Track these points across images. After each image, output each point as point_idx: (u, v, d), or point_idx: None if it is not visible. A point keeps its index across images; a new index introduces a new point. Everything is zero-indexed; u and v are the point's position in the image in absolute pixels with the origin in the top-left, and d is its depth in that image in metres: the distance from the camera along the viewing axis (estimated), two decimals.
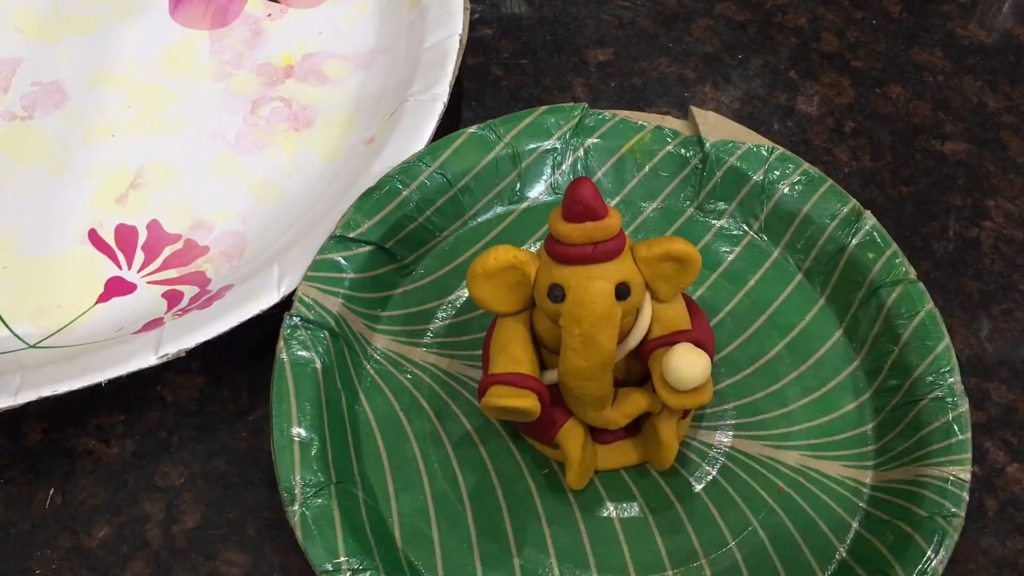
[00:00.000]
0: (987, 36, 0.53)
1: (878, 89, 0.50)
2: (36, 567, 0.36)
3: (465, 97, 0.49)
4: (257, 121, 0.48)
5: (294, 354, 0.36)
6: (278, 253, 0.41)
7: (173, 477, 0.38)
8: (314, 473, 0.34)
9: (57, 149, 0.47)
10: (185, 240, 0.44)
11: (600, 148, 0.42)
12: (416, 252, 0.41)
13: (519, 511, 0.35)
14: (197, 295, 0.41)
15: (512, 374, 0.32)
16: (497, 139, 0.42)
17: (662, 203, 0.42)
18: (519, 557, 0.34)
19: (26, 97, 0.48)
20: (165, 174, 0.46)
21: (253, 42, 0.50)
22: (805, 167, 0.41)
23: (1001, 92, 0.50)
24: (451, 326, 0.40)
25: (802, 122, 0.49)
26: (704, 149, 0.42)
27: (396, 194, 0.40)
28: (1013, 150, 0.48)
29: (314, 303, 0.37)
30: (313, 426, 0.35)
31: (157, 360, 0.37)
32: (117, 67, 0.49)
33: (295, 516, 0.33)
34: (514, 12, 0.53)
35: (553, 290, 0.32)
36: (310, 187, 0.45)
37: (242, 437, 0.39)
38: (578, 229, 0.31)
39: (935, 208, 0.46)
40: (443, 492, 0.36)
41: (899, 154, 0.48)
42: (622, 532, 0.35)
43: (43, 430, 0.39)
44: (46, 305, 0.42)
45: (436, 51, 0.46)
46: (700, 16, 0.53)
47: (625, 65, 0.51)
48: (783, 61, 0.51)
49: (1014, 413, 0.40)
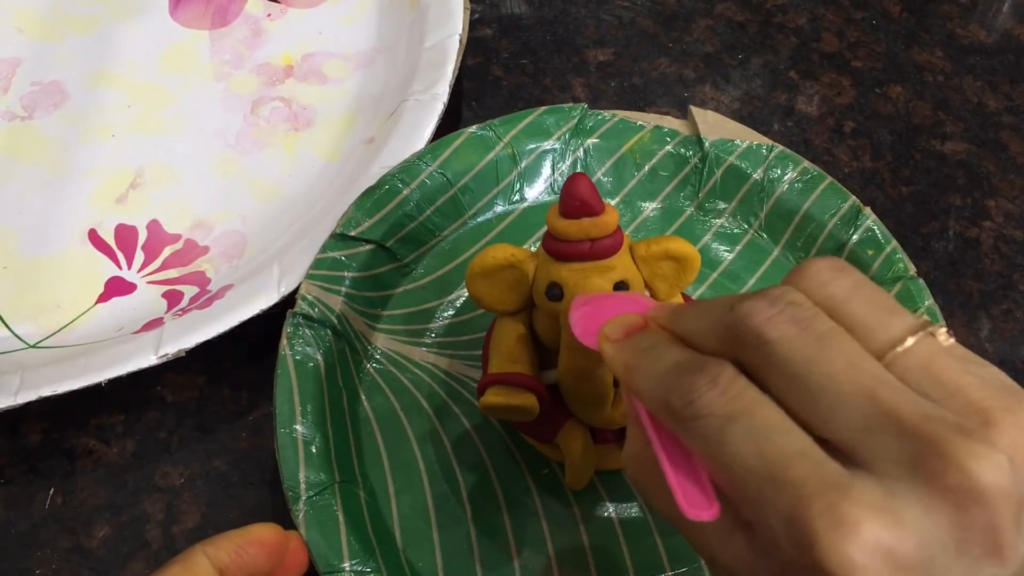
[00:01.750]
0: (987, 36, 0.53)
1: (878, 89, 0.50)
2: (36, 567, 0.36)
3: (465, 97, 0.49)
4: (257, 121, 0.48)
5: (298, 351, 0.36)
6: (278, 253, 0.41)
7: (173, 477, 0.38)
8: (317, 472, 0.34)
9: (57, 149, 0.47)
10: (185, 240, 0.44)
11: (600, 148, 0.42)
12: (416, 251, 0.41)
13: (519, 511, 0.35)
14: (197, 295, 0.41)
15: (510, 373, 0.32)
16: (497, 139, 0.42)
17: (662, 203, 0.42)
18: (519, 558, 0.34)
19: (26, 97, 0.48)
20: (165, 174, 0.46)
21: (253, 42, 0.50)
22: (805, 165, 0.41)
23: (1001, 92, 0.50)
24: (451, 326, 0.40)
25: (802, 122, 0.49)
26: (703, 148, 0.42)
27: (396, 193, 0.40)
28: (1013, 150, 0.48)
29: (317, 301, 0.37)
30: (316, 424, 0.35)
31: (157, 360, 0.37)
32: (117, 67, 0.49)
33: (299, 515, 0.33)
34: (514, 12, 0.53)
35: (551, 289, 0.32)
36: (310, 187, 0.45)
37: (242, 437, 0.39)
38: (575, 225, 0.31)
39: (935, 208, 0.46)
40: (443, 492, 0.36)
41: (899, 154, 0.48)
42: (622, 532, 0.35)
43: (43, 430, 0.39)
44: (46, 305, 0.42)
45: (436, 51, 0.46)
46: (700, 16, 0.53)
47: (625, 65, 0.51)
48: (783, 61, 0.51)
49: None
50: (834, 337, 0.22)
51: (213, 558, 0.28)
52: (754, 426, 0.21)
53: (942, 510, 0.20)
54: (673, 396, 0.23)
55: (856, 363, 0.21)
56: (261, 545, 0.29)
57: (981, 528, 0.20)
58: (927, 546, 0.19)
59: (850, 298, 0.23)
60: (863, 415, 0.21)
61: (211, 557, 0.28)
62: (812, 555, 0.19)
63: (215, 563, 0.28)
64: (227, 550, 0.28)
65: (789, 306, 0.22)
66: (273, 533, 0.30)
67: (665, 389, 0.23)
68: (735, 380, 0.22)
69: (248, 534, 0.29)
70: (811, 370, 0.21)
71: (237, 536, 0.29)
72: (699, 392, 0.22)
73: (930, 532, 0.20)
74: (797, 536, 0.20)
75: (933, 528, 0.20)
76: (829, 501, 0.19)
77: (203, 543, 0.28)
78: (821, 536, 0.19)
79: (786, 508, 0.20)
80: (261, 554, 0.29)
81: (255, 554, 0.29)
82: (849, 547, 0.19)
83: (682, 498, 0.22)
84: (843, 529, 0.19)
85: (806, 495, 0.20)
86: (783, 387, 0.22)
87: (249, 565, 0.29)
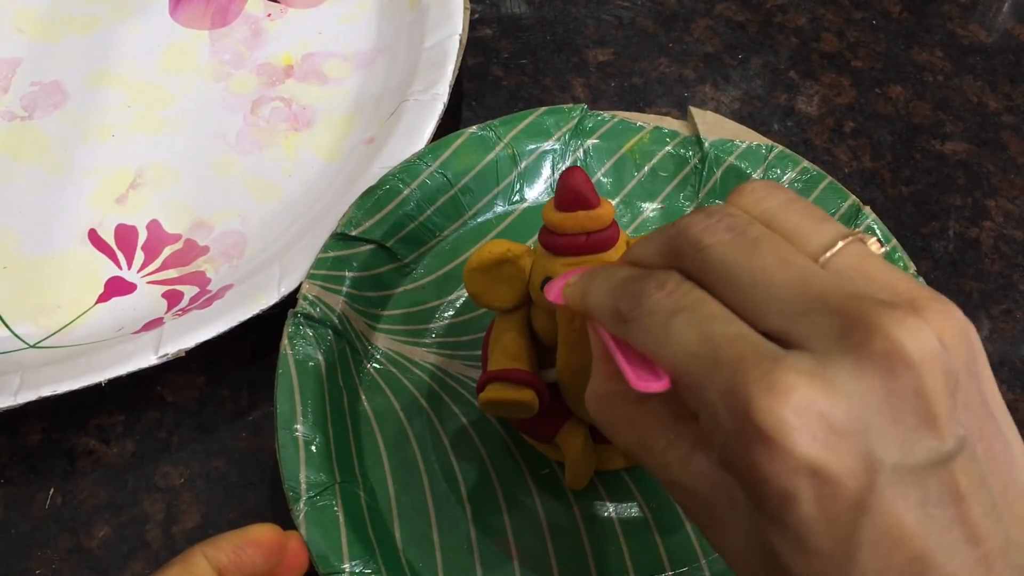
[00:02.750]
0: (987, 36, 0.53)
1: (878, 89, 0.50)
2: (36, 567, 0.36)
3: (465, 97, 0.49)
4: (257, 121, 0.48)
5: (299, 351, 0.36)
6: (278, 253, 0.41)
7: (173, 477, 0.38)
8: (318, 472, 0.34)
9: (57, 149, 0.47)
10: (185, 240, 0.44)
11: (599, 149, 0.42)
12: (416, 251, 0.41)
13: (519, 511, 0.35)
14: (197, 295, 0.41)
15: (509, 370, 0.32)
16: (497, 139, 0.42)
17: (662, 203, 0.42)
18: (519, 558, 0.34)
19: (26, 97, 0.48)
20: (165, 174, 0.46)
21: (253, 42, 0.50)
22: (804, 164, 0.41)
23: (1001, 92, 0.50)
24: (451, 326, 0.40)
25: (802, 122, 0.49)
26: (703, 148, 0.42)
27: (397, 193, 0.40)
28: (1013, 150, 0.48)
29: (318, 300, 0.37)
30: (317, 424, 0.35)
31: (157, 360, 0.37)
32: (117, 67, 0.49)
33: (300, 515, 0.33)
34: (514, 12, 0.53)
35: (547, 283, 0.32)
36: (310, 187, 0.45)
37: (242, 437, 0.39)
38: (570, 218, 0.31)
39: (935, 208, 0.46)
40: (443, 492, 0.36)
41: (899, 154, 0.48)
42: (622, 532, 0.35)
43: (43, 430, 0.39)
44: (46, 305, 0.42)
45: (436, 51, 0.46)
46: (700, 16, 0.53)
47: (625, 65, 0.51)
48: (783, 61, 0.51)
49: (1014, 413, 0.40)
50: (767, 239, 0.23)
51: (212, 559, 0.28)
52: (696, 316, 0.22)
53: (872, 375, 0.20)
54: (622, 302, 0.24)
55: (787, 259, 0.22)
56: (260, 546, 0.29)
57: (911, 393, 0.20)
58: (859, 411, 0.20)
59: (784, 209, 0.24)
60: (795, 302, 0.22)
61: (210, 558, 0.28)
62: (748, 420, 0.20)
63: (214, 564, 0.28)
64: (226, 551, 0.29)
65: (725, 216, 0.24)
66: (272, 534, 0.30)
67: (615, 298, 0.24)
68: (681, 283, 0.24)
69: (247, 535, 0.29)
70: (744, 267, 0.23)
71: (236, 537, 0.29)
72: (647, 294, 0.24)
73: (862, 397, 0.20)
74: (733, 404, 0.20)
75: (864, 392, 0.20)
76: (763, 369, 0.20)
77: (202, 544, 0.29)
78: (755, 400, 0.20)
79: (724, 383, 0.21)
80: (260, 555, 0.29)
81: (254, 555, 0.29)
82: (782, 408, 0.20)
83: (632, 374, 0.23)
84: (776, 392, 0.20)
85: (742, 368, 0.21)
86: (721, 286, 0.23)
87: (248, 566, 0.29)
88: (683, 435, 0.24)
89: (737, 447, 0.20)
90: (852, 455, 0.20)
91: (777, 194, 0.25)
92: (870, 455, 0.20)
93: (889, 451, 0.20)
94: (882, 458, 0.20)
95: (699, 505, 0.23)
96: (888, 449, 0.20)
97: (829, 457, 0.20)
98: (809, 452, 0.20)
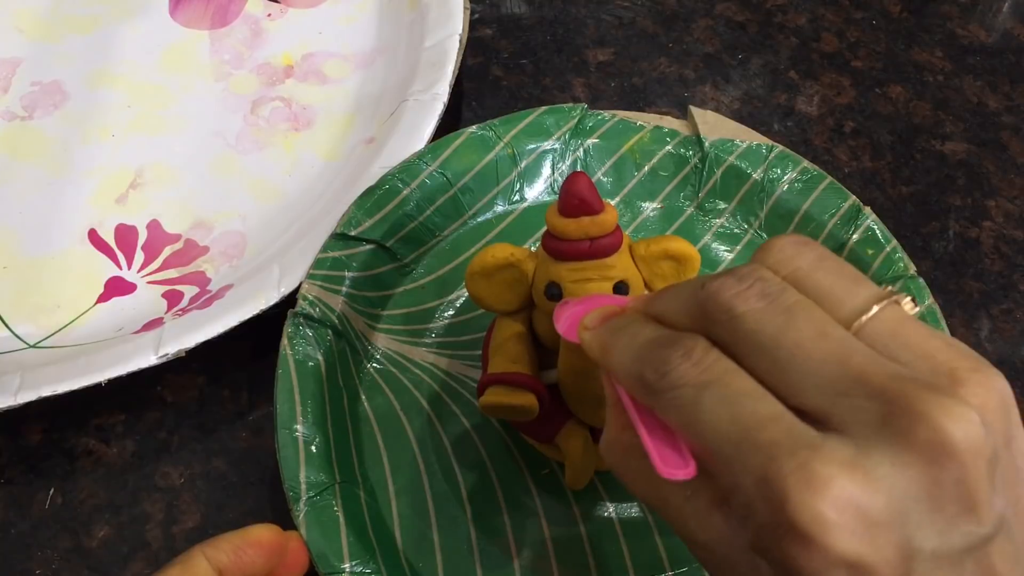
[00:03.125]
0: (987, 36, 0.53)
1: (878, 89, 0.50)
2: (36, 567, 0.36)
3: (465, 97, 0.49)
4: (257, 121, 0.48)
5: (299, 351, 0.36)
6: (278, 253, 0.41)
7: (173, 477, 0.38)
8: (317, 472, 0.34)
9: (57, 149, 0.47)
10: (185, 240, 0.44)
11: (599, 148, 0.42)
12: (416, 251, 0.41)
13: (519, 511, 0.35)
14: (197, 295, 0.41)
15: (510, 373, 0.32)
16: (497, 139, 0.42)
17: (662, 203, 0.42)
18: (519, 558, 0.34)
19: (26, 97, 0.48)
20: (165, 174, 0.46)
21: (253, 42, 0.50)
22: (804, 164, 0.41)
23: (1001, 92, 0.50)
24: (451, 326, 0.40)
25: (802, 122, 0.49)
26: (703, 148, 0.42)
27: (397, 193, 0.40)
28: (1013, 150, 0.48)
29: (317, 300, 0.37)
30: (316, 424, 0.35)
31: (157, 360, 0.37)
32: (117, 67, 0.49)
33: (300, 515, 0.33)
34: (514, 12, 0.53)
35: (550, 288, 0.32)
36: (310, 187, 0.45)
37: (242, 437, 0.39)
38: (574, 224, 0.31)
39: (935, 208, 0.46)
40: (443, 492, 0.36)
41: (899, 154, 0.48)
42: (622, 532, 0.35)
43: (43, 430, 0.39)
44: (46, 305, 0.42)
45: (436, 51, 0.46)
46: (700, 16, 0.53)
47: (625, 65, 0.51)
48: (783, 61, 0.51)
49: None
50: (802, 308, 0.22)
51: (212, 559, 0.28)
52: (727, 393, 0.21)
53: (914, 466, 0.20)
54: (648, 370, 0.23)
55: (824, 331, 0.21)
56: (260, 546, 0.29)
57: (954, 483, 0.20)
58: (899, 502, 0.19)
59: (815, 270, 0.23)
60: (833, 380, 0.21)
61: (210, 558, 0.28)
62: (784, 513, 0.19)
63: (214, 564, 0.28)
64: (226, 551, 0.28)
65: (757, 281, 0.23)
66: (272, 534, 0.30)
67: (640, 364, 0.23)
68: (708, 352, 0.23)
69: (247, 535, 0.29)
70: (780, 340, 0.22)
71: (236, 537, 0.29)
72: (673, 364, 0.23)
73: (902, 488, 0.20)
74: (769, 495, 0.20)
75: (905, 484, 0.20)
76: (800, 460, 0.20)
77: (202, 544, 0.29)
78: (792, 493, 0.19)
79: (758, 469, 0.20)
80: (260, 555, 0.29)
81: (254, 555, 0.29)
82: (820, 503, 0.19)
83: (657, 459, 0.23)
84: (814, 486, 0.19)
85: (778, 455, 0.20)
86: (754, 358, 0.22)
87: (248, 566, 0.29)
88: (701, 491, 0.23)
89: (772, 539, 0.20)
90: (890, 545, 0.19)
91: (807, 252, 0.23)
92: (908, 544, 0.19)
93: (928, 539, 0.19)
94: (920, 546, 0.19)
95: (717, 562, 0.23)
96: (927, 537, 0.19)
97: (867, 550, 0.19)
98: (847, 548, 0.19)
